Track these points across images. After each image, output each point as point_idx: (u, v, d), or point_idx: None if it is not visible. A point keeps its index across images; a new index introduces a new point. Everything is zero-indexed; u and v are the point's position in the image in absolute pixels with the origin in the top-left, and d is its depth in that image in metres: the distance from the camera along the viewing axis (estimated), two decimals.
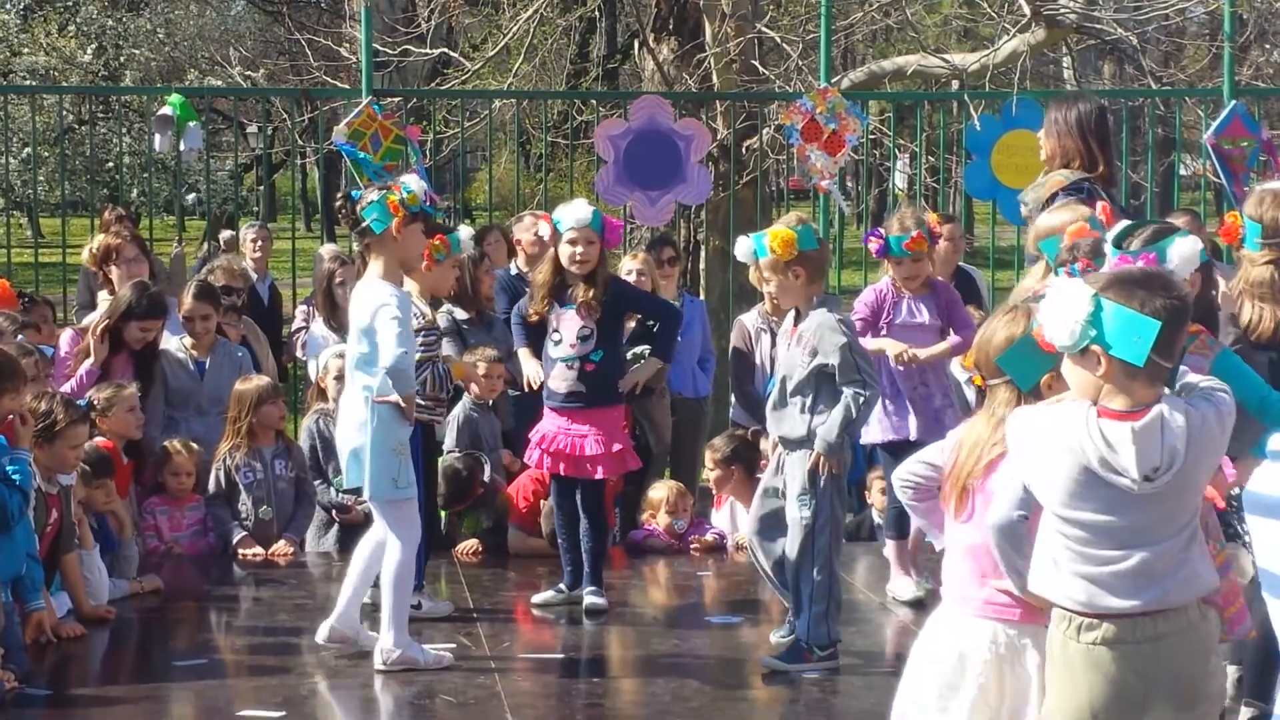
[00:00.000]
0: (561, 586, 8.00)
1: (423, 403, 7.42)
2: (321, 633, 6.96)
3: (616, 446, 7.81)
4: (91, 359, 8.91)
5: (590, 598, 7.83)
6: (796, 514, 6.80)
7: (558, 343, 7.77)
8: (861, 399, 6.67)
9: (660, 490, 9.32)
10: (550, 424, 7.85)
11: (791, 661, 6.82)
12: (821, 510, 6.77)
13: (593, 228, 7.69)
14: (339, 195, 7.24)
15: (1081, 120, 7.51)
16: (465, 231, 8.12)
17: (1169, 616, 4.00)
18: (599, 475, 7.84)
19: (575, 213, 7.73)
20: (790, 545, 6.84)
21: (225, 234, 16.63)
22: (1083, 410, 3.98)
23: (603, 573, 7.96)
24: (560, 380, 7.79)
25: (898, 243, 7.95)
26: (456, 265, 8.16)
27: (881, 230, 8.16)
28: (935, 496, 4.86)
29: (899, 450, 7.39)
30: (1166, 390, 4.01)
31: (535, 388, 7.97)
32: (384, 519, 6.89)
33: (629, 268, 9.53)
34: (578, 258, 7.68)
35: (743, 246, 6.91)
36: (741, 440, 9.32)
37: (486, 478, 9.11)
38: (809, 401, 6.77)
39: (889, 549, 8.10)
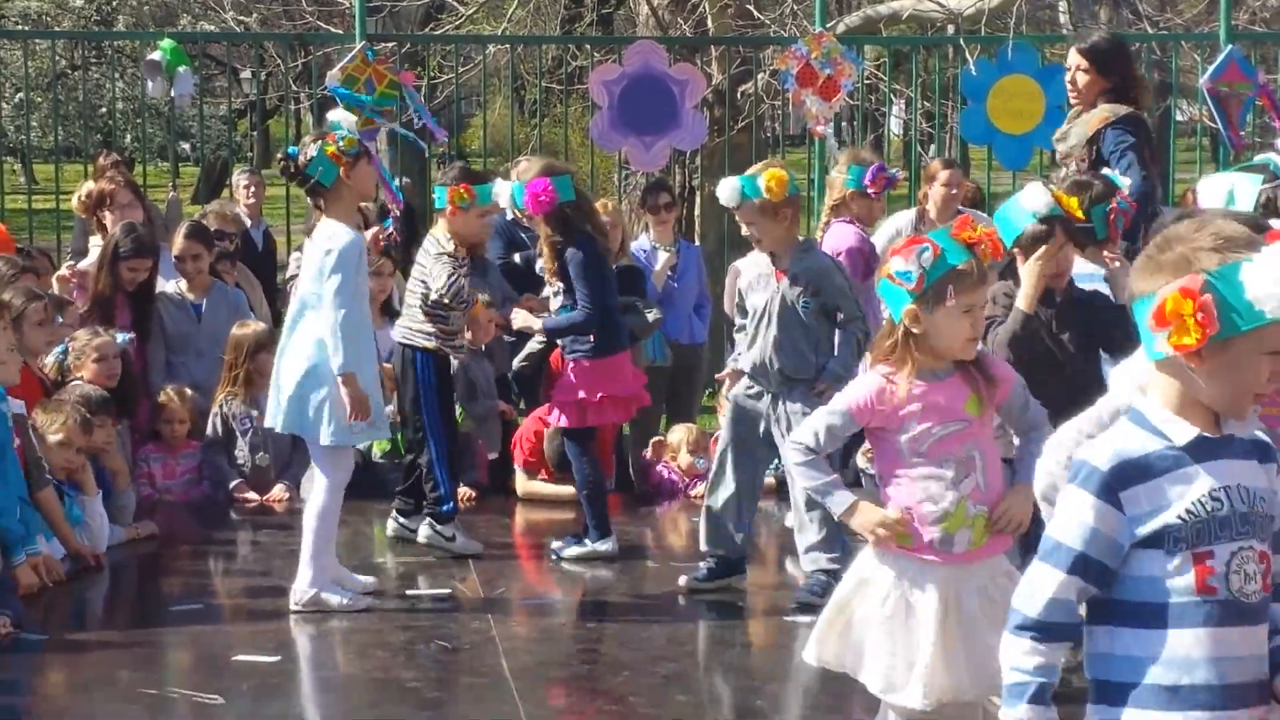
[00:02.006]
0: (585, 540, 7.89)
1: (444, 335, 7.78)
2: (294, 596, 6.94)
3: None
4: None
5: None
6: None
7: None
8: (866, 336, 6.78)
9: (679, 432, 9.39)
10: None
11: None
12: None
13: (515, 203, 7.82)
14: (279, 156, 7.23)
15: (1112, 51, 7.86)
16: (502, 186, 7.96)
17: None
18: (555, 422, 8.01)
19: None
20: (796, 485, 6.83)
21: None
22: None
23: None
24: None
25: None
26: (484, 214, 8.08)
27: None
28: None
29: None
30: None
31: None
32: (317, 460, 7.00)
33: None
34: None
35: (728, 188, 6.94)
36: None
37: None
38: (814, 340, 6.94)
39: None
